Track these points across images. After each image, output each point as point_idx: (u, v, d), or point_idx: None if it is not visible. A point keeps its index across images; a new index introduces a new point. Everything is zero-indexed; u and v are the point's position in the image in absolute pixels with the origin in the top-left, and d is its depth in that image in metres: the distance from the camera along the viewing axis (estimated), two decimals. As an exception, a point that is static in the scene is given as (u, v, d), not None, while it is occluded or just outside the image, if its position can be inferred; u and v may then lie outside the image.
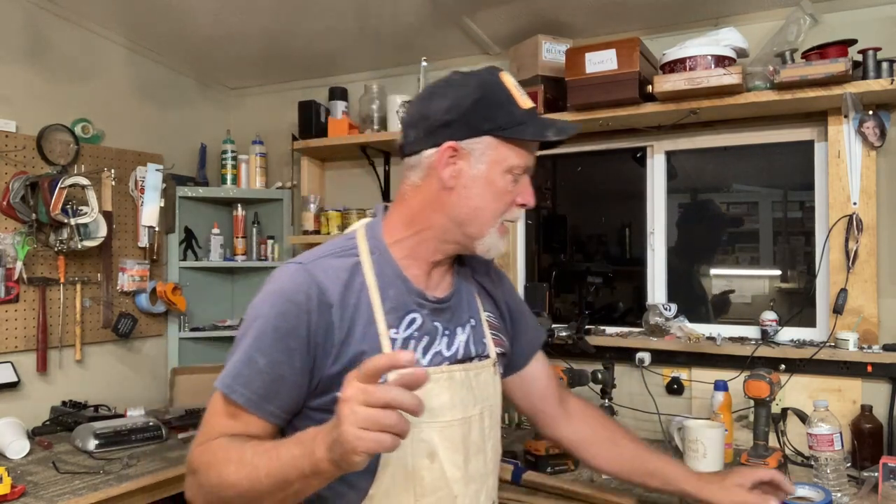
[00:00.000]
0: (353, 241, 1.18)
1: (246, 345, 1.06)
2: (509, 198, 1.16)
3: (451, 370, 1.16)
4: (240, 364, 1.06)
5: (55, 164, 2.49)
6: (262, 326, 1.06)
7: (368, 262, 1.14)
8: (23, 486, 1.81)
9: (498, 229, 1.16)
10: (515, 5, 2.33)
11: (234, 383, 1.05)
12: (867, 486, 1.77)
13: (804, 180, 2.29)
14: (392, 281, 1.14)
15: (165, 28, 2.68)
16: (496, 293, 1.35)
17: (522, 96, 1.16)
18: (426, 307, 1.17)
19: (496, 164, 1.13)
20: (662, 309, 2.38)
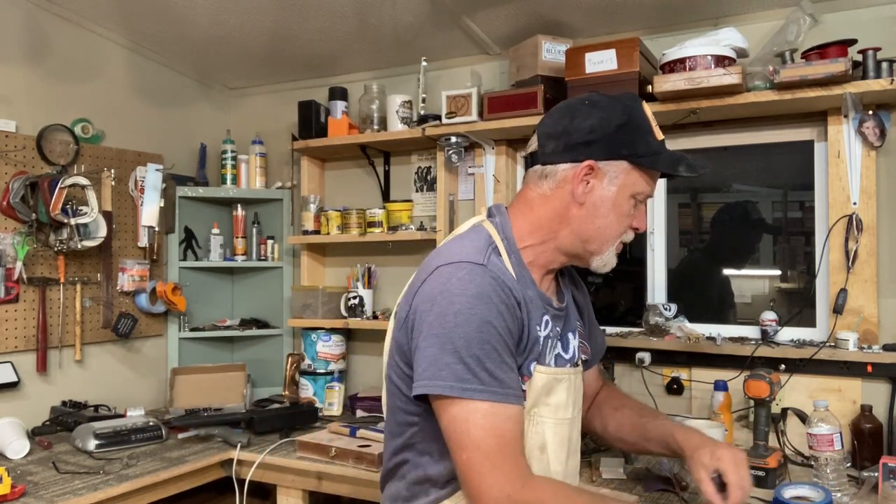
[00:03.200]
0: (493, 240, 1.21)
1: (490, 350, 1.08)
2: (629, 221, 1.23)
3: (569, 372, 1.26)
4: (500, 371, 1.08)
5: (55, 164, 2.49)
6: (493, 331, 1.09)
7: (508, 262, 1.20)
8: (23, 486, 1.81)
9: (614, 248, 1.25)
10: (515, 5, 2.33)
11: (507, 391, 1.08)
12: (867, 486, 1.77)
13: (804, 180, 2.29)
14: (528, 283, 1.22)
15: (165, 28, 2.68)
16: (581, 303, 1.45)
17: (657, 127, 1.24)
18: (550, 312, 1.25)
19: (625, 188, 1.21)
20: (662, 309, 2.38)
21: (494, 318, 1.09)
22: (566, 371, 1.26)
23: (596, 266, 1.25)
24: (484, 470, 1.02)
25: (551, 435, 1.22)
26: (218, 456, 2.22)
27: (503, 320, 1.11)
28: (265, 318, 3.13)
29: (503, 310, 1.11)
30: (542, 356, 1.22)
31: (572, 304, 1.38)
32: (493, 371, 1.07)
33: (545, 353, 1.22)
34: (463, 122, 2.49)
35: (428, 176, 2.87)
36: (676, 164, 1.23)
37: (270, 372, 3.06)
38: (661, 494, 1.78)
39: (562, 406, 1.24)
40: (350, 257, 3.00)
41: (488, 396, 1.05)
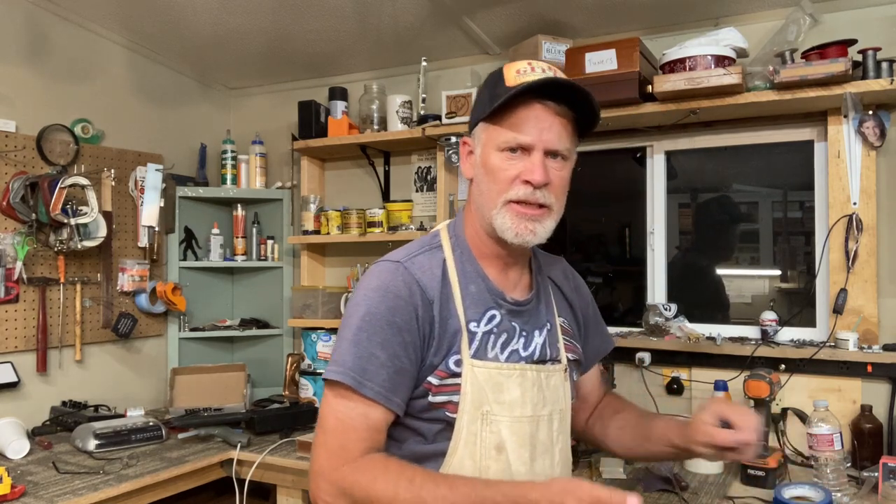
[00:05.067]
0: (439, 239, 1.24)
1: (363, 340, 1.10)
2: (507, 175, 1.14)
3: (525, 368, 1.20)
4: (362, 359, 1.09)
5: (55, 164, 2.49)
6: (376, 321, 1.11)
7: (451, 258, 1.21)
8: (23, 486, 1.81)
9: (507, 209, 1.15)
10: (515, 5, 2.33)
11: (362, 378, 1.08)
12: (867, 486, 1.77)
13: (804, 180, 2.29)
14: (473, 278, 1.20)
15: (165, 28, 2.68)
16: (573, 298, 1.38)
17: (519, 74, 1.15)
18: (504, 307, 1.21)
19: (487, 145, 1.17)
20: (662, 309, 2.38)
21: (383, 311, 1.11)
22: (519, 367, 1.19)
23: (503, 235, 1.16)
24: (318, 446, 1.10)
25: (508, 434, 1.17)
26: (218, 456, 2.22)
27: (394, 315, 1.11)
28: (265, 318, 3.13)
29: (399, 305, 1.11)
30: (481, 351, 1.17)
31: (552, 301, 1.31)
32: (360, 359, 1.09)
33: (484, 348, 1.17)
34: (463, 122, 2.49)
35: (428, 176, 2.87)
36: (514, 92, 1.11)
37: (270, 372, 3.06)
38: (661, 494, 1.78)
39: (517, 403, 1.18)
40: (350, 257, 3.00)
41: (345, 379, 1.08)
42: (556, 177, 1.16)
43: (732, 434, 1.14)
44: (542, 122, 1.13)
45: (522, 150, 1.14)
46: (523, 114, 1.13)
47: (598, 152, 2.61)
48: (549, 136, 1.13)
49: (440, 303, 1.15)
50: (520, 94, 1.11)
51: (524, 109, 1.13)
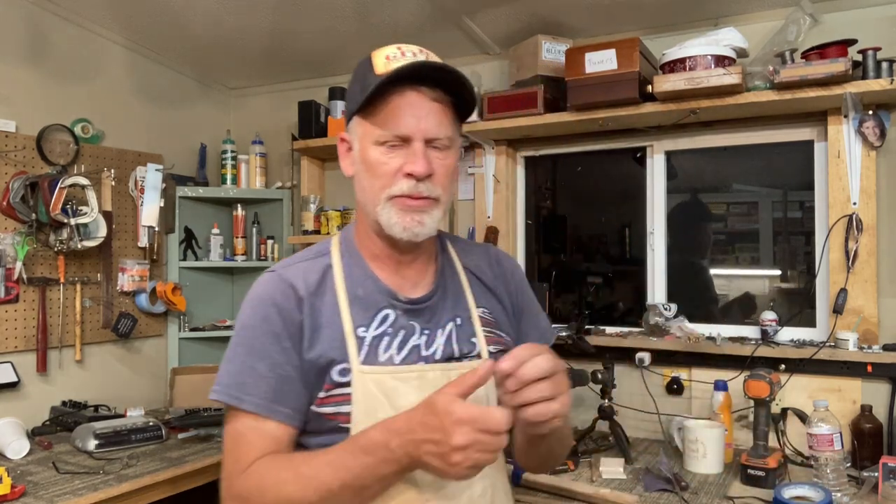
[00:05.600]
0: (328, 246, 1.19)
1: (240, 354, 1.07)
2: (388, 169, 1.07)
3: (424, 369, 1.10)
4: (239, 374, 1.06)
5: (55, 164, 2.49)
6: (251, 333, 1.08)
7: (339, 263, 1.15)
8: (23, 486, 1.81)
9: (392, 204, 1.07)
10: (515, 5, 2.33)
11: (240, 393, 1.05)
12: (867, 486, 1.77)
13: (804, 180, 2.29)
14: (361, 281, 1.14)
15: (165, 28, 2.68)
16: (497, 286, 1.26)
17: (389, 60, 1.06)
18: (398, 306, 1.13)
19: (364, 140, 1.10)
20: (662, 309, 2.38)
21: (258, 322, 1.08)
22: (418, 368, 1.09)
23: (389, 232, 1.08)
24: (221, 471, 1.07)
25: None
26: (218, 456, 2.22)
27: (269, 323, 1.07)
28: (265, 318, 3.12)
29: (272, 313, 1.07)
30: (371, 356, 1.08)
31: (466, 293, 1.21)
32: (237, 375, 1.06)
33: (375, 352, 1.09)
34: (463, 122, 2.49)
35: (428, 176, 2.87)
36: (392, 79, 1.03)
37: (270, 372, 3.05)
38: (661, 494, 1.78)
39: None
40: (350, 257, 3.00)
41: (221, 398, 1.05)
42: (439, 166, 1.07)
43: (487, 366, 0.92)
44: (418, 109, 1.05)
45: (401, 141, 1.06)
46: (397, 103, 1.05)
47: (598, 152, 2.61)
48: (428, 124, 1.05)
49: (310, 303, 1.09)
50: (391, 83, 1.03)
51: (397, 98, 1.05)
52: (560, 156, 2.71)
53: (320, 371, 1.07)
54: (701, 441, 1.95)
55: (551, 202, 2.88)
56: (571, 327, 2.38)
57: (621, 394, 2.33)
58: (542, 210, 2.85)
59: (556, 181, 2.87)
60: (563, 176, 2.86)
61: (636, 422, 2.34)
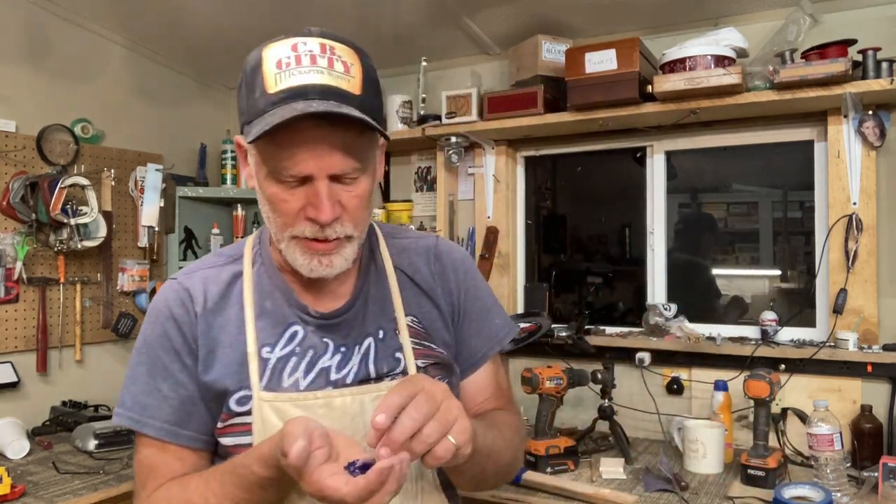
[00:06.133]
0: (240, 250, 1.06)
1: (142, 374, 0.99)
2: (289, 208, 0.90)
3: (331, 395, 0.96)
4: (142, 395, 0.98)
5: (55, 164, 2.49)
6: (151, 351, 0.99)
7: (249, 272, 1.03)
8: (23, 486, 1.81)
9: (296, 244, 0.93)
10: (515, 5, 2.33)
11: (142, 417, 0.97)
12: (867, 486, 1.77)
13: (804, 180, 2.29)
14: (270, 292, 1.01)
15: (165, 28, 2.68)
16: (434, 288, 1.09)
17: (281, 71, 0.89)
18: (309, 322, 1.00)
19: (259, 168, 0.93)
20: (662, 309, 2.38)
21: (157, 336, 0.99)
22: (323, 395, 0.96)
23: (296, 268, 0.95)
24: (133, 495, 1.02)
25: None
26: (218, 456, 2.22)
27: (168, 339, 0.98)
28: (265, 318, 3.12)
29: (171, 327, 0.98)
30: (275, 380, 0.96)
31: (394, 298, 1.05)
32: (140, 395, 0.98)
33: (279, 377, 0.97)
34: (463, 122, 2.49)
35: (428, 176, 2.87)
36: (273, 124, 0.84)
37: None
38: (661, 494, 1.78)
39: None
40: (350, 257, 2.99)
41: (124, 422, 0.98)
42: (349, 200, 0.91)
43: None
44: (319, 145, 0.86)
45: (301, 181, 0.89)
46: (292, 139, 0.86)
47: (598, 152, 2.61)
48: (332, 161, 0.87)
49: (207, 319, 0.99)
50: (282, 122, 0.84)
51: (292, 133, 0.85)
52: (560, 156, 2.71)
53: (217, 397, 0.97)
54: (701, 441, 1.95)
55: (551, 202, 2.88)
56: (571, 327, 2.38)
57: (621, 394, 2.33)
58: (542, 210, 2.85)
59: (556, 181, 2.87)
60: (563, 176, 2.86)
61: (636, 422, 2.34)
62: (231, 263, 1.05)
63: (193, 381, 0.98)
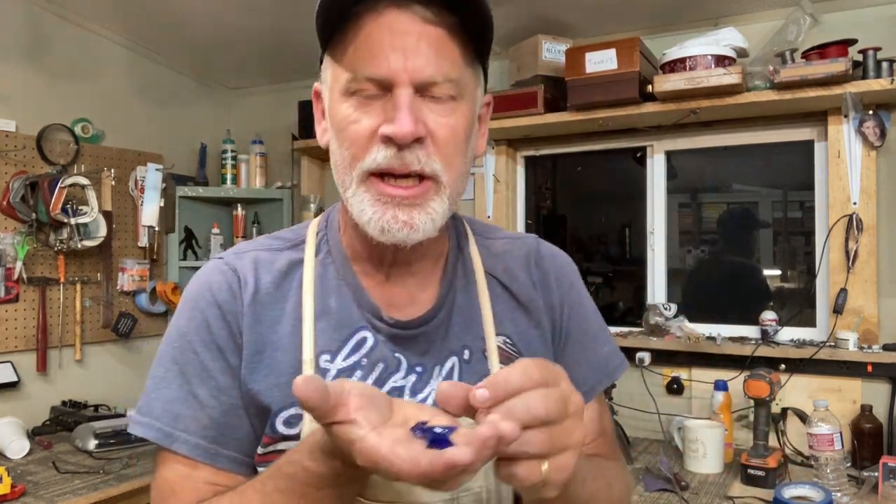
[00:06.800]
0: (302, 234, 0.87)
1: (174, 374, 0.78)
2: (359, 131, 0.72)
3: None
4: (176, 402, 0.77)
5: (55, 164, 2.49)
6: (187, 346, 0.78)
7: (311, 261, 0.83)
8: (23, 486, 1.81)
9: (366, 188, 0.73)
10: (515, 5, 2.33)
11: (174, 429, 0.76)
12: (867, 485, 1.77)
13: (804, 180, 2.29)
14: (336, 287, 0.82)
15: (165, 28, 2.68)
16: (534, 300, 0.88)
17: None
18: (382, 329, 0.80)
19: (333, 90, 0.75)
20: (662, 309, 2.38)
21: (196, 328, 0.78)
22: None
23: (366, 228, 0.74)
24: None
25: None
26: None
27: (210, 331, 0.78)
28: (265, 318, 3.12)
29: (216, 316, 0.78)
30: None
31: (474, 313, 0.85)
32: (171, 403, 0.77)
33: None
34: (463, 122, 2.49)
35: (428, 176, 2.87)
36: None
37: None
38: (661, 494, 1.78)
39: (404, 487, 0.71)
40: (350, 257, 3.00)
41: (150, 434, 0.78)
42: (439, 126, 0.71)
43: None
44: (401, 38, 0.69)
45: (379, 89, 0.71)
46: (370, 29, 0.70)
47: (598, 152, 2.61)
48: (417, 61, 0.69)
49: (255, 316, 0.79)
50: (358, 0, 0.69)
51: (371, 21, 0.70)
52: (560, 156, 2.71)
53: (260, 412, 0.77)
54: (701, 441, 1.95)
55: (551, 202, 2.88)
56: (571, 327, 2.38)
57: (621, 394, 2.33)
58: (542, 210, 2.85)
59: (556, 181, 2.88)
60: (563, 176, 2.86)
61: (636, 422, 2.34)
62: (290, 249, 0.85)
63: (237, 387, 0.78)
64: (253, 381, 0.77)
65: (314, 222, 0.89)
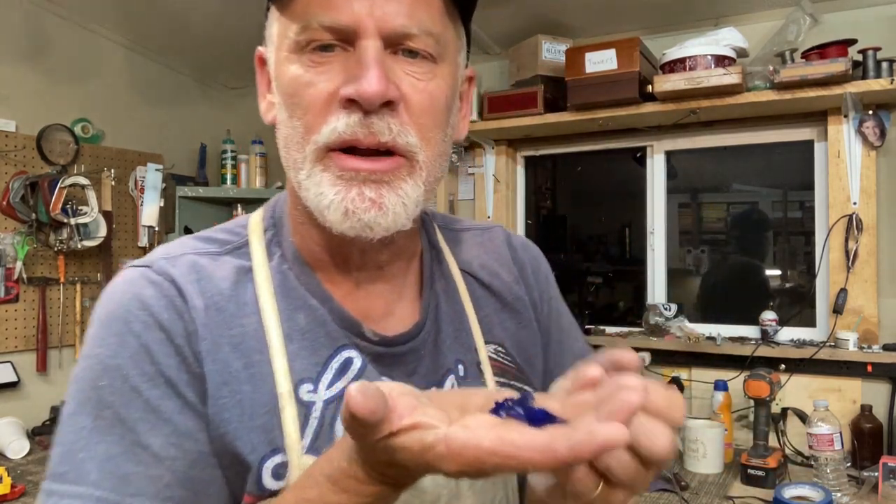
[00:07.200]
0: (244, 235, 0.68)
1: (105, 425, 0.57)
2: (315, 94, 0.57)
3: None
4: (118, 459, 0.56)
5: (55, 164, 2.49)
6: (121, 385, 0.57)
7: (263, 267, 0.65)
8: (23, 486, 1.81)
9: (323, 166, 0.58)
10: (515, 5, 2.33)
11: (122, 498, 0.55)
12: (867, 485, 1.77)
13: (804, 180, 2.29)
14: (303, 300, 0.65)
15: (165, 28, 2.68)
16: (521, 299, 0.77)
17: None
18: (365, 348, 0.65)
19: (280, 49, 0.61)
20: (662, 309, 2.38)
21: (130, 360, 0.58)
22: None
23: (325, 217, 0.59)
24: None
25: None
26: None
27: (152, 361, 0.58)
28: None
29: (153, 341, 0.58)
30: (324, 436, 0.61)
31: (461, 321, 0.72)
32: (112, 462, 0.56)
33: (331, 430, 0.61)
34: (463, 122, 2.49)
35: (428, 176, 2.87)
36: None
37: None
38: (661, 494, 1.78)
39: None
40: (350, 257, 3.00)
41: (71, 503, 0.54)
42: (415, 91, 0.58)
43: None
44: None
45: (338, 40, 0.57)
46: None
47: (598, 152, 2.61)
48: (388, 6, 0.56)
49: (212, 332, 0.60)
50: None
51: None
52: (560, 156, 2.71)
53: (234, 463, 0.59)
54: (701, 441, 1.95)
55: (551, 202, 2.88)
56: (571, 327, 2.38)
57: (621, 394, 2.33)
58: (542, 210, 2.85)
59: (556, 181, 2.88)
60: (563, 176, 2.86)
61: (636, 422, 2.34)
62: (230, 254, 0.66)
63: (204, 430, 0.59)
64: (224, 421, 0.59)
65: (254, 220, 0.70)
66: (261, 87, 0.68)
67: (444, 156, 0.64)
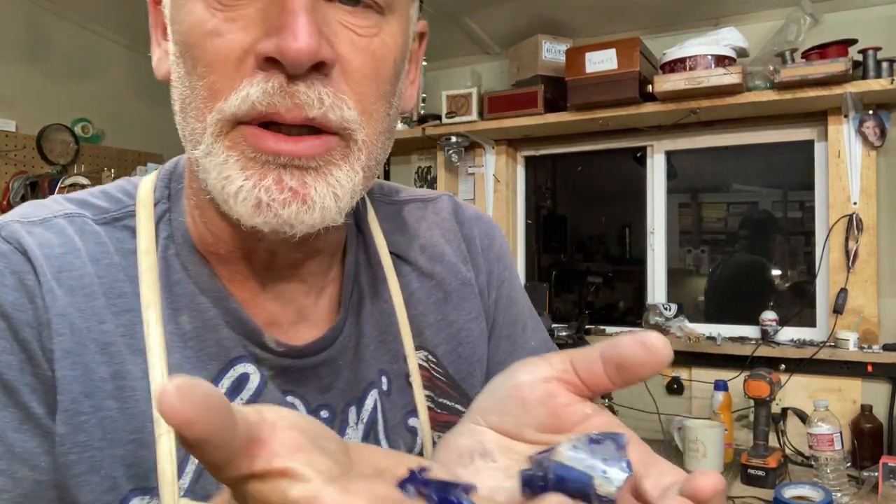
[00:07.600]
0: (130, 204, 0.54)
1: None
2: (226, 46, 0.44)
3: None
4: None
5: (55, 164, 2.50)
6: None
7: (151, 253, 0.52)
8: (23, 486, 1.81)
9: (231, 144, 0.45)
10: (515, 5, 2.33)
11: None
12: (867, 485, 1.77)
13: (804, 180, 2.29)
14: (190, 297, 0.52)
15: (165, 28, 2.68)
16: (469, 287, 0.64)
17: None
18: (266, 362, 0.53)
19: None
20: (662, 309, 2.38)
21: None
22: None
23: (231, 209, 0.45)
24: None
25: None
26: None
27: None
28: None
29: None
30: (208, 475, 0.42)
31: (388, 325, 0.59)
32: None
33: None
34: (463, 122, 2.49)
35: (428, 176, 2.87)
36: None
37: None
38: (661, 494, 1.78)
39: None
40: (350, 257, 3.00)
41: None
42: (355, 51, 0.46)
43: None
44: None
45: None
46: None
47: (598, 152, 2.61)
48: None
49: (72, 323, 0.47)
50: None
51: None
52: (560, 156, 2.71)
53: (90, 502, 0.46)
54: (701, 441, 1.95)
55: (551, 202, 2.89)
56: (572, 327, 2.38)
57: (621, 394, 2.33)
58: (542, 210, 2.85)
59: (556, 181, 2.88)
60: (563, 176, 2.86)
61: (636, 422, 2.34)
62: (109, 224, 0.53)
63: (50, 453, 0.46)
64: (77, 445, 0.45)
65: (145, 187, 0.55)
66: (154, 31, 0.56)
67: (389, 133, 0.51)
